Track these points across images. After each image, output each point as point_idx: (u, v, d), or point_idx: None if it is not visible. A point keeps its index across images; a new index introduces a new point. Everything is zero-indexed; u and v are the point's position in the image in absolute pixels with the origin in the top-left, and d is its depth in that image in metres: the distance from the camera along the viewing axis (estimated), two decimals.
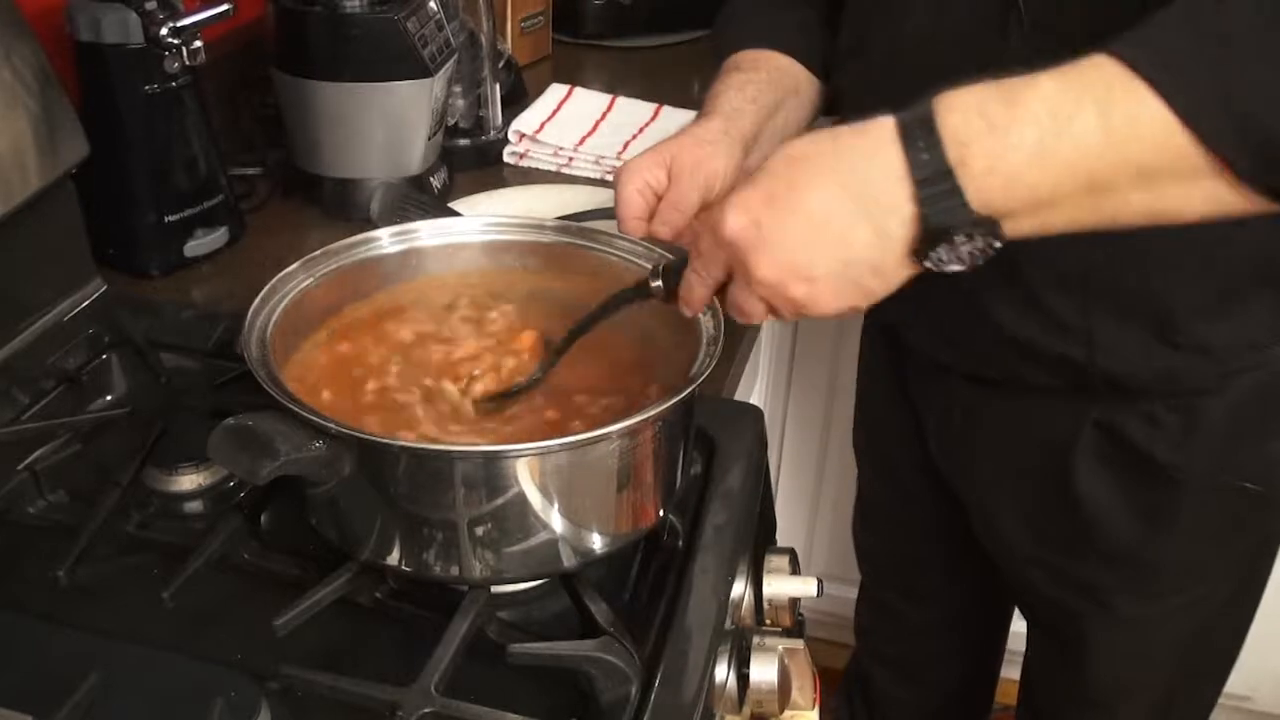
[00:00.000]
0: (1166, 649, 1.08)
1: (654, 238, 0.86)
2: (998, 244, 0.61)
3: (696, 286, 0.69)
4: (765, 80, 0.97)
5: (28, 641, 0.67)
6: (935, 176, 0.60)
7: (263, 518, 0.79)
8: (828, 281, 0.63)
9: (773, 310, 0.67)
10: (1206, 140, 0.57)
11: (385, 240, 0.82)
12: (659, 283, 0.73)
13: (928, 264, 0.61)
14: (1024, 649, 1.26)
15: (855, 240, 0.62)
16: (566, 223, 0.88)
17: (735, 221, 0.64)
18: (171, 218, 1.09)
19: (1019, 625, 1.25)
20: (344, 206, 1.20)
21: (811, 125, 1.04)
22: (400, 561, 0.70)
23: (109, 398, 0.94)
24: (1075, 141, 0.58)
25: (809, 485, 1.85)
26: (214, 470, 0.83)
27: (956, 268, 0.61)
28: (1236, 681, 1.18)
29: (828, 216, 0.62)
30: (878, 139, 0.61)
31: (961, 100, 0.60)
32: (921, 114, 0.61)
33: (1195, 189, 0.60)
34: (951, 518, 1.15)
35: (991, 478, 1.07)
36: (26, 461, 0.83)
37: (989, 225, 0.60)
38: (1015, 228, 0.61)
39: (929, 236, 0.60)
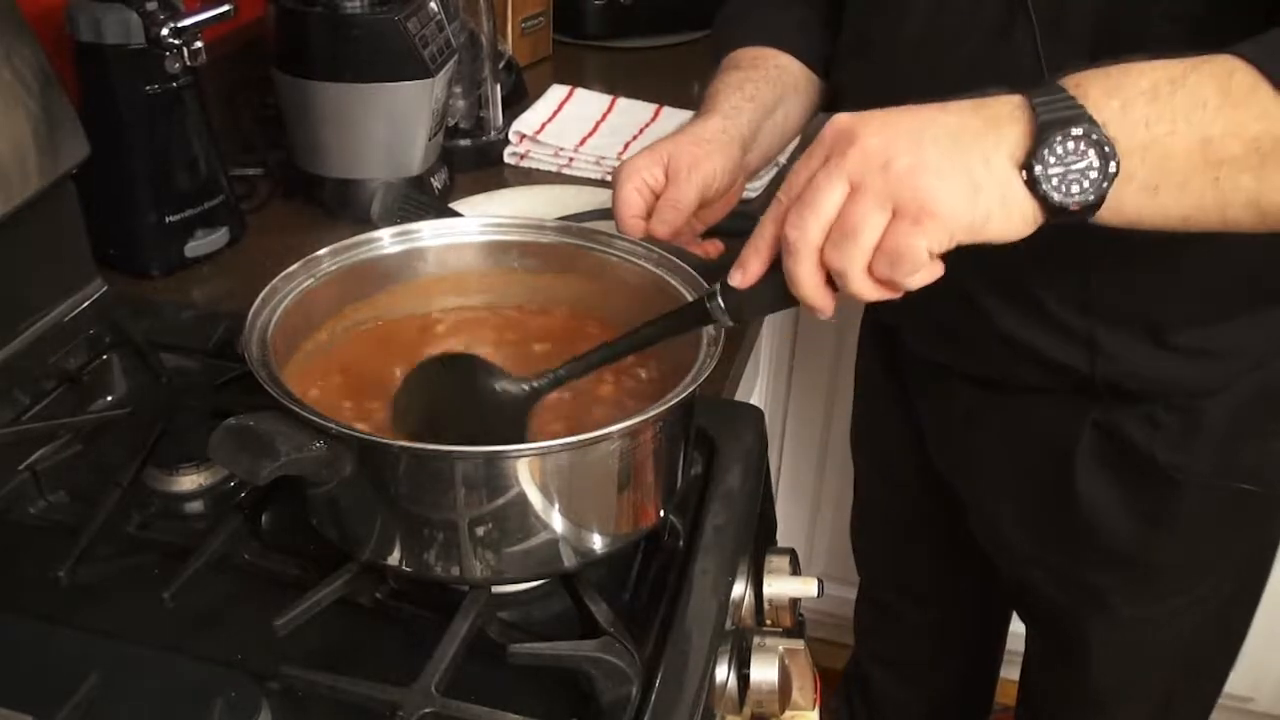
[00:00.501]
0: (1166, 650, 1.08)
1: (652, 236, 0.87)
2: (1113, 169, 0.58)
3: (776, 212, 0.63)
4: (764, 78, 0.97)
5: (28, 642, 0.68)
6: (1050, 93, 0.60)
7: (263, 518, 0.79)
8: (938, 161, 0.59)
9: (856, 194, 0.60)
10: None
11: (386, 241, 0.82)
12: (721, 301, 0.66)
13: (1036, 168, 0.58)
14: (1024, 649, 1.27)
15: (967, 125, 0.60)
16: (567, 223, 0.88)
17: (843, 119, 0.62)
18: (172, 218, 1.09)
19: (1018, 626, 1.25)
20: (345, 207, 1.20)
21: (811, 124, 1.04)
22: (401, 561, 0.70)
23: (109, 398, 0.94)
24: (1191, 92, 0.59)
25: (809, 486, 1.85)
26: (214, 470, 0.83)
27: (1061, 197, 0.59)
28: (1237, 682, 1.18)
29: (946, 112, 0.61)
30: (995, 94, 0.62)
31: (1079, 70, 0.61)
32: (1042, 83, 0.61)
33: None
34: (950, 518, 1.15)
35: (991, 478, 1.07)
36: (27, 462, 0.83)
37: (1107, 143, 0.58)
38: (1126, 175, 0.59)
39: (1041, 132, 0.58)
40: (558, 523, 0.69)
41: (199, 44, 1.01)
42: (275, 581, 0.75)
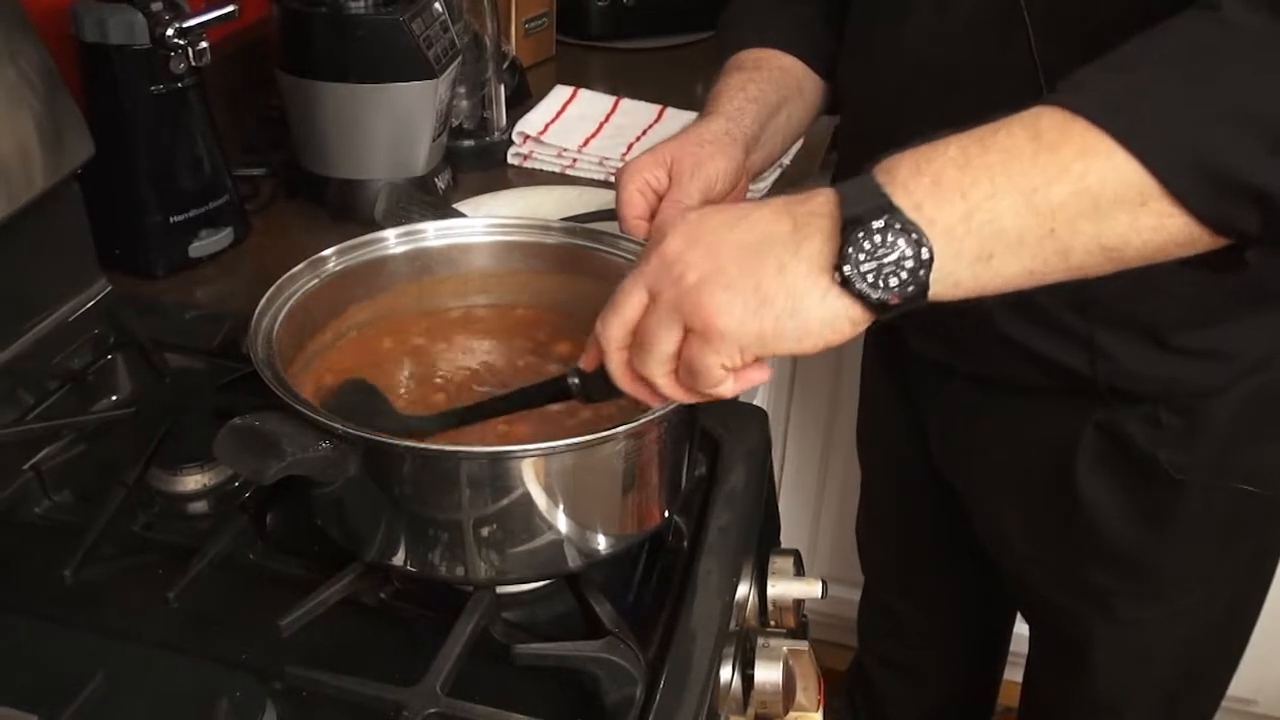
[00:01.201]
0: (1168, 652, 1.08)
1: None
2: (926, 255, 0.56)
3: (604, 340, 0.63)
4: (767, 79, 0.97)
5: (33, 641, 0.67)
6: (859, 185, 0.58)
7: (268, 518, 0.79)
8: (731, 265, 0.58)
9: (685, 343, 0.60)
10: (1144, 160, 0.56)
11: (391, 241, 0.82)
12: (576, 380, 0.67)
13: (845, 269, 0.56)
14: (1026, 651, 1.26)
15: (771, 230, 0.58)
16: (572, 224, 0.88)
17: (672, 244, 0.60)
18: (176, 218, 1.09)
19: (1022, 627, 1.25)
20: (348, 207, 1.20)
21: (814, 124, 1.04)
22: (405, 562, 0.70)
23: (114, 398, 0.94)
24: (1002, 148, 0.57)
25: (812, 487, 1.85)
26: (218, 471, 0.83)
27: (879, 294, 0.56)
28: (1241, 684, 1.18)
29: (756, 214, 0.60)
30: (813, 191, 0.60)
31: (892, 157, 0.59)
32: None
33: (1142, 215, 0.57)
34: (953, 519, 1.15)
35: (992, 479, 1.07)
36: (32, 461, 0.83)
37: (913, 229, 0.56)
38: (951, 251, 0.57)
39: (845, 229, 0.56)
40: (562, 523, 0.69)
41: (204, 44, 1.01)
42: (280, 582, 0.75)
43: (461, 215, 1.10)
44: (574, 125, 1.40)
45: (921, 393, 1.11)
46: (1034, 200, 0.56)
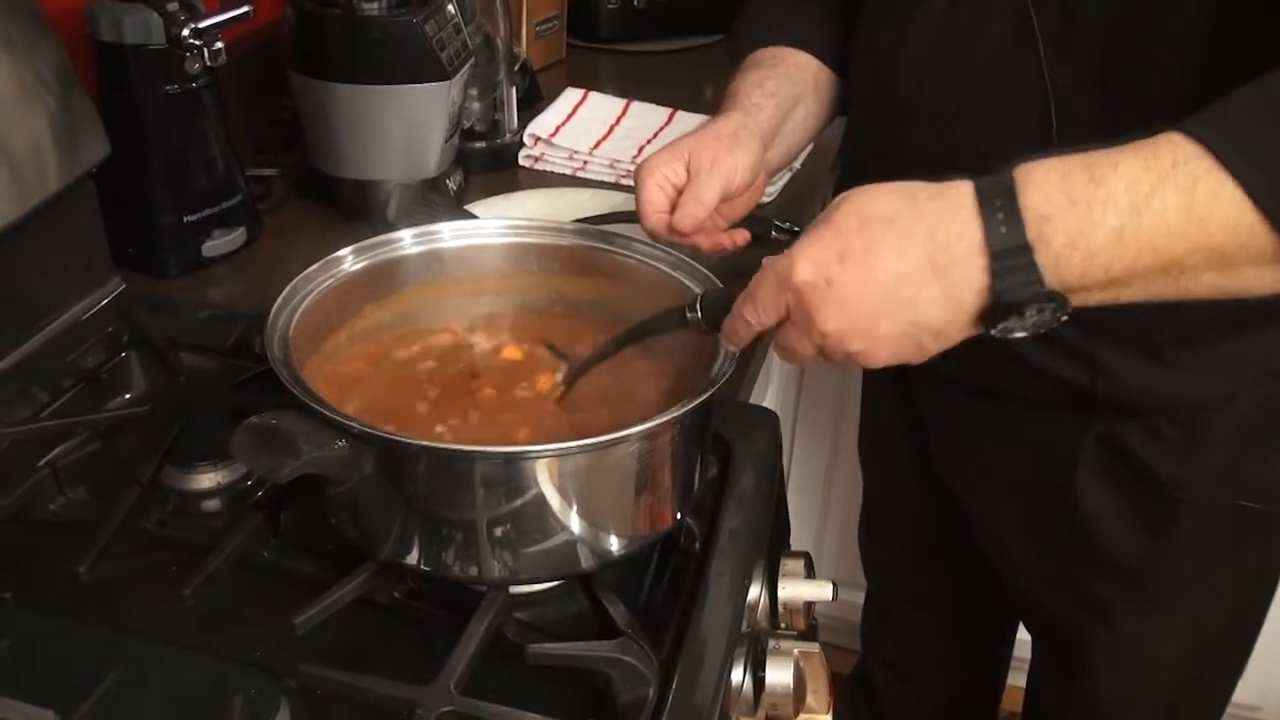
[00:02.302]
0: (1169, 663, 1.08)
1: (676, 230, 0.87)
2: (1065, 316, 0.61)
3: (745, 327, 0.69)
4: (784, 76, 0.98)
5: (49, 637, 0.67)
6: (1013, 250, 0.60)
7: (282, 517, 0.80)
8: (889, 340, 0.64)
9: (824, 355, 0.67)
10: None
11: (406, 242, 0.83)
12: (696, 314, 0.72)
13: (994, 333, 0.62)
14: (1029, 656, 1.27)
15: (926, 305, 0.62)
16: (586, 226, 0.88)
17: (805, 273, 0.63)
18: (190, 218, 1.09)
19: (1025, 633, 1.25)
20: (360, 208, 1.20)
21: (831, 120, 1.04)
22: (419, 561, 0.70)
23: (127, 396, 0.94)
24: (1155, 222, 0.59)
25: (818, 492, 1.85)
26: (232, 469, 0.83)
27: (1020, 334, 0.62)
28: (1244, 692, 1.18)
29: (901, 280, 0.62)
30: (956, 205, 0.61)
31: (1044, 174, 0.60)
32: (1003, 184, 0.61)
33: (1269, 271, 0.60)
34: (955, 527, 1.15)
35: (993, 489, 1.07)
36: (47, 458, 0.83)
37: (1060, 300, 0.60)
38: (1085, 299, 0.62)
39: (1000, 309, 0.61)
40: (576, 524, 0.69)
41: (219, 45, 1.02)
42: (293, 580, 0.75)
43: (473, 216, 1.11)
44: (585, 128, 1.40)
45: (922, 402, 1.11)
46: (1170, 267, 0.60)
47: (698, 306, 0.72)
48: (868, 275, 0.62)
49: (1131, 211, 0.59)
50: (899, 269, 0.61)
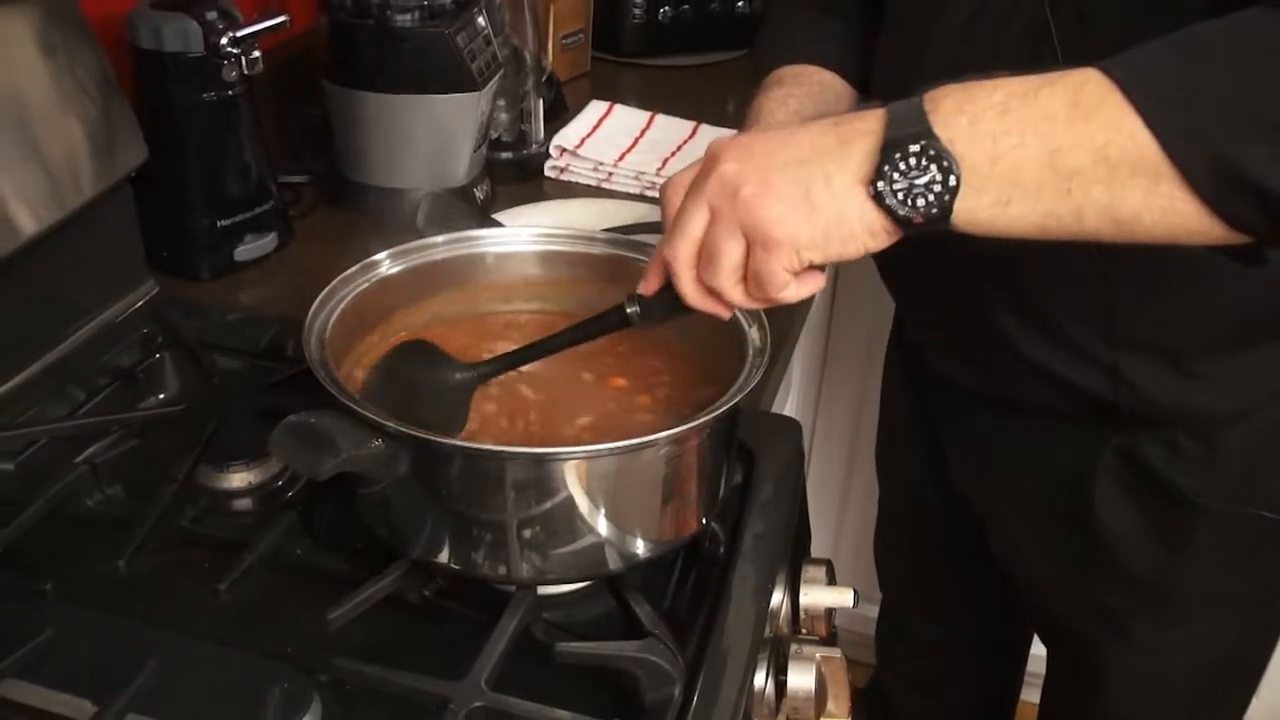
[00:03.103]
0: (1185, 676, 1.08)
1: None
2: (953, 183, 0.60)
3: (677, 250, 0.67)
4: (806, 94, 0.99)
5: (88, 630, 0.69)
6: (906, 107, 0.62)
7: (314, 515, 0.81)
8: (782, 183, 0.63)
9: (718, 222, 0.65)
10: (1164, 142, 0.58)
11: (441, 247, 0.84)
12: (635, 308, 0.72)
13: (879, 184, 0.61)
14: (1044, 672, 1.27)
15: (819, 149, 0.63)
16: (616, 235, 0.89)
17: (715, 145, 0.67)
18: (223, 223, 1.11)
19: (1040, 648, 1.26)
20: (389, 215, 1.22)
21: None
22: (450, 560, 0.71)
23: (161, 396, 0.96)
24: (1041, 106, 0.60)
25: (835, 503, 1.86)
26: (264, 469, 0.85)
27: (906, 211, 0.61)
28: (1259, 710, 1.18)
29: (803, 131, 0.65)
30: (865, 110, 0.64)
31: (950, 88, 0.63)
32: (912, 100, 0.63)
33: (1154, 195, 0.60)
34: (971, 539, 1.16)
35: (1011, 501, 1.07)
36: (84, 455, 0.85)
37: (946, 157, 0.60)
38: (973, 186, 0.61)
39: (885, 150, 0.61)
40: (604, 525, 0.70)
41: (256, 53, 1.04)
42: (325, 577, 0.76)
43: (499, 225, 1.12)
44: (610, 139, 1.42)
45: (941, 413, 1.12)
46: (1055, 160, 0.60)
47: (635, 299, 0.72)
48: (776, 133, 0.66)
49: (1020, 95, 0.60)
50: (806, 130, 0.65)
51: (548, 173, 1.38)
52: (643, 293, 0.72)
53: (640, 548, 0.73)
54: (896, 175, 0.61)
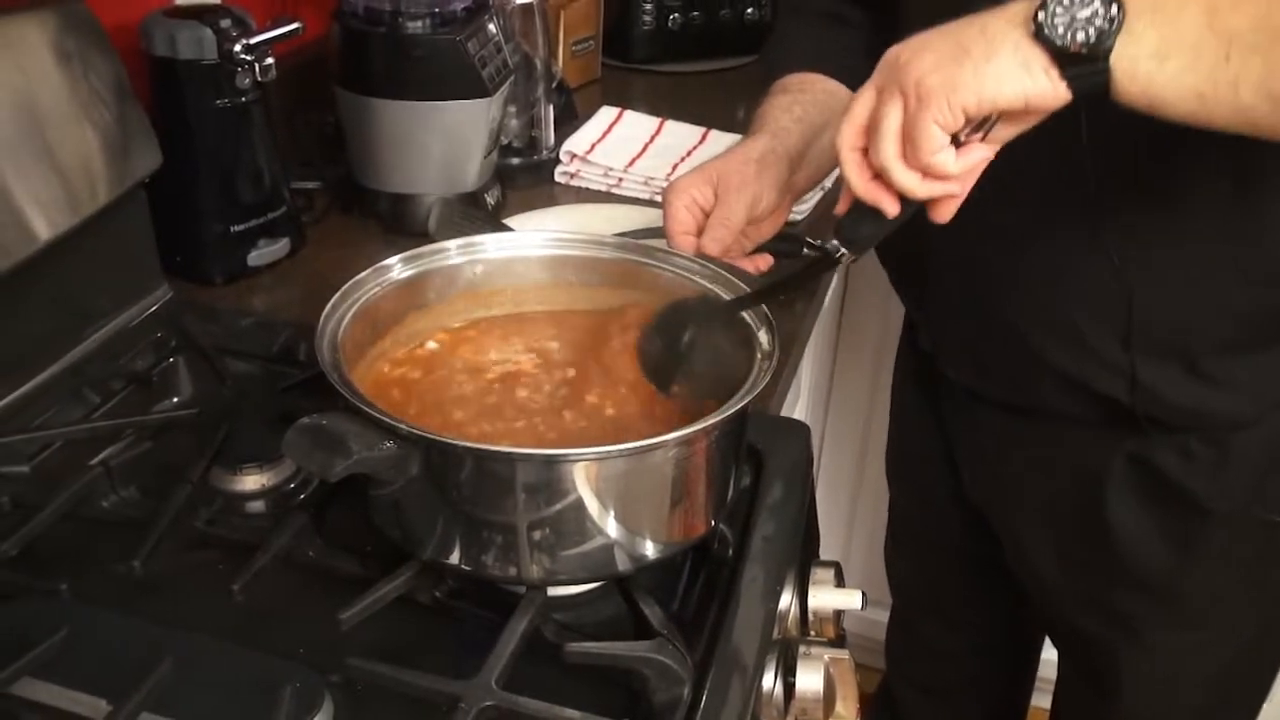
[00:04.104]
0: (1197, 680, 1.08)
1: (703, 253, 0.89)
2: (1115, 12, 0.60)
3: (850, 137, 0.69)
4: (812, 102, 0.99)
5: (103, 629, 0.70)
6: None
7: (326, 517, 0.81)
8: (939, 38, 0.64)
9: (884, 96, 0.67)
10: None
11: (452, 252, 0.85)
12: (834, 241, 0.74)
13: (1040, 15, 0.61)
14: (1055, 677, 1.27)
15: (977, 16, 0.65)
16: (625, 239, 0.90)
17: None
18: (237, 228, 1.12)
19: (1050, 653, 1.26)
20: (401, 221, 1.23)
21: None
22: (460, 561, 0.72)
23: (175, 399, 0.97)
24: None
25: (844, 507, 1.86)
26: (276, 471, 0.85)
27: (1064, 40, 0.61)
28: (1271, 715, 1.18)
29: (969, 19, 0.66)
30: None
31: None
32: None
33: None
34: (982, 543, 1.16)
35: (1023, 506, 1.08)
36: (99, 458, 0.85)
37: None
38: (1134, 31, 0.61)
39: None
40: (613, 527, 0.71)
41: (269, 60, 1.05)
42: (337, 578, 0.77)
43: (510, 230, 1.13)
44: (620, 145, 1.43)
45: (952, 418, 1.12)
46: (1215, 20, 0.60)
47: (835, 237, 0.74)
48: (945, 29, 0.66)
49: None
50: (970, 20, 0.66)
51: (558, 178, 1.39)
52: (839, 212, 0.74)
53: (649, 549, 0.73)
54: (1059, 9, 0.61)
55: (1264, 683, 1.13)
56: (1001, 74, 0.63)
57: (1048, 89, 0.63)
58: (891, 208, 0.70)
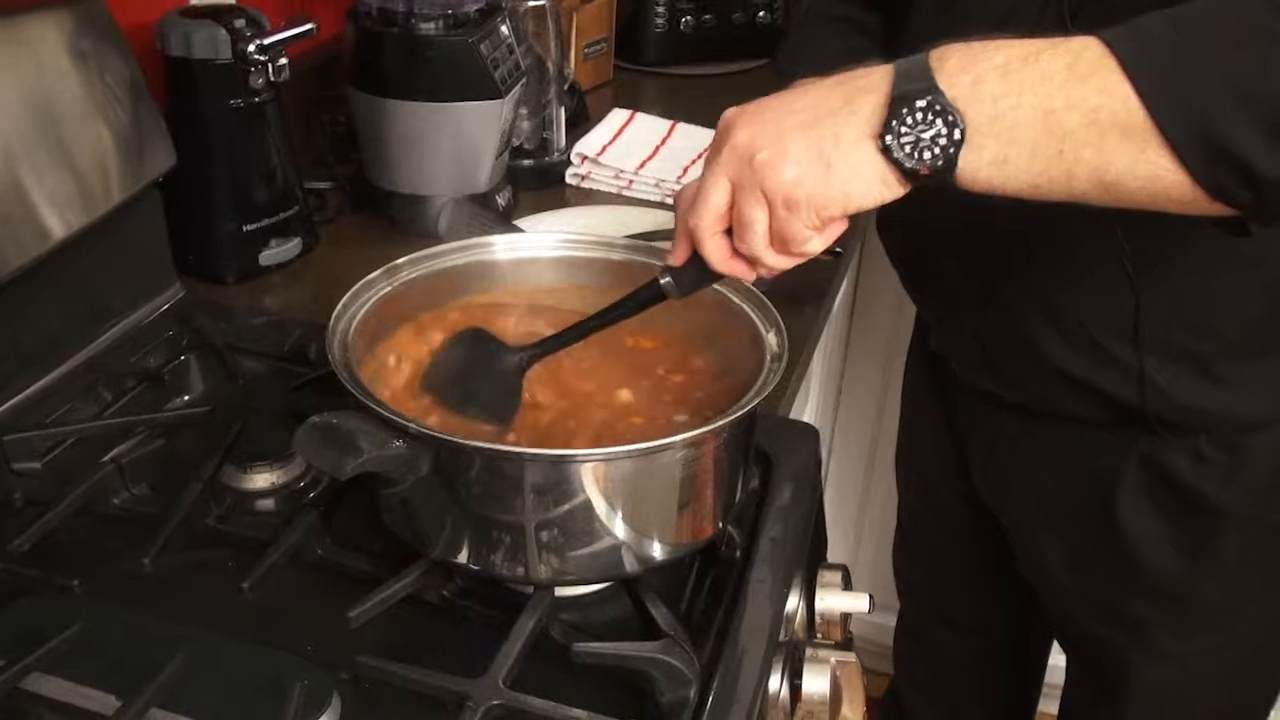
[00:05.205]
0: (1208, 685, 1.08)
1: None
2: (958, 136, 0.62)
3: (704, 220, 0.70)
4: None
5: (114, 625, 0.70)
6: (912, 66, 0.64)
7: (336, 516, 0.82)
8: (795, 144, 0.65)
9: (740, 190, 0.68)
10: (1151, 109, 0.60)
11: (461, 252, 0.85)
12: (668, 279, 0.75)
13: (887, 139, 0.63)
14: (1063, 682, 1.26)
15: (828, 109, 0.66)
16: (636, 241, 0.90)
17: (729, 112, 0.70)
18: (249, 227, 1.12)
19: (1059, 659, 1.25)
20: (412, 221, 1.23)
21: None
22: (469, 560, 0.72)
23: (187, 397, 0.97)
24: (1040, 69, 0.62)
25: (853, 510, 1.86)
26: (287, 470, 0.86)
27: (913, 164, 0.63)
28: None
29: (811, 94, 0.67)
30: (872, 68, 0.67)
31: (948, 47, 0.65)
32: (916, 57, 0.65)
33: (1141, 161, 0.62)
34: (992, 547, 1.16)
35: (1034, 509, 1.07)
36: (111, 455, 0.86)
37: (952, 116, 0.62)
38: (974, 144, 0.63)
39: (893, 105, 0.63)
40: (621, 528, 0.71)
41: (283, 60, 1.05)
42: (346, 577, 0.77)
43: (520, 231, 1.13)
44: (631, 148, 1.43)
45: (964, 420, 1.12)
46: (1050, 121, 0.62)
47: (668, 270, 0.75)
48: (782, 97, 0.68)
49: (1021, 58, 0.62)
50: (811, 91, 0.67)
51: (569, 180, 1.40)
52: (673, 264, 0.74)
53: (657, 550, 0.74)
54: (904, 129, 0.63)
55: (1275, 688, 1.13)
56: (861, 189, 0.65)
57: (898, 194, 0.66)
58: (751, 276, 0.73)
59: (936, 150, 0.63)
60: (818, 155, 0.65)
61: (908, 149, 0.63)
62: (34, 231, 0.86)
